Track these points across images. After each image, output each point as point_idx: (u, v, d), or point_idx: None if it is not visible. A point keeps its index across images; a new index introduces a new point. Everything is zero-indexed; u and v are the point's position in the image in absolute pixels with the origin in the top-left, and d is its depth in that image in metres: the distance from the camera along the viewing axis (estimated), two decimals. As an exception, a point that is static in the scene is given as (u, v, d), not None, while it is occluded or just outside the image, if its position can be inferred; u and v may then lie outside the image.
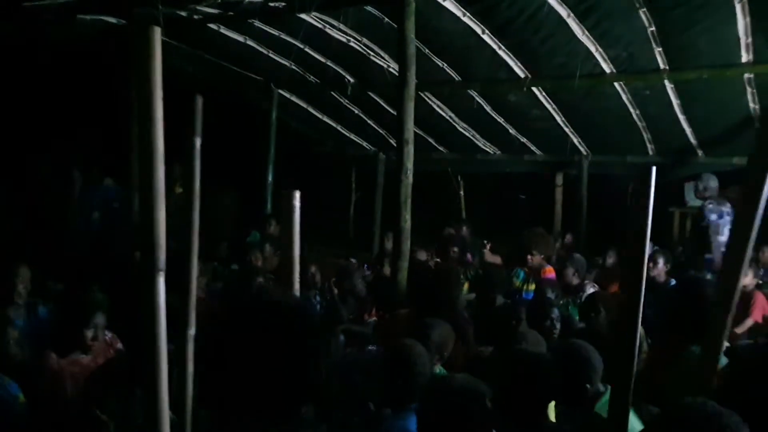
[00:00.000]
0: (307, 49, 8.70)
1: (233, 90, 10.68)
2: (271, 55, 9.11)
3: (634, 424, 2.21)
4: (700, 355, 2.35)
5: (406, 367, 2.91)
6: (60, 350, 3.66)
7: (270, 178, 10.51)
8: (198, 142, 2.15)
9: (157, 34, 1.62)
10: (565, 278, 6.01)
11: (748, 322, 5.45)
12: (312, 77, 9.69)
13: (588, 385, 2.91)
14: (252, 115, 10.92)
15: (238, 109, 10.84)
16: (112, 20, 8.13)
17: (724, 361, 2.41)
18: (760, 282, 6.66)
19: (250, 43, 8.79)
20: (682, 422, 1.67)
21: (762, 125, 2.33)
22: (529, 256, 5.81)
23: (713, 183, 7.20)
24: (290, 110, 10.82)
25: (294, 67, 9.44)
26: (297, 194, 2.20)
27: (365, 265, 8.06)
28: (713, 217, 7.06)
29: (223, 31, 8.45)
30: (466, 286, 6.34)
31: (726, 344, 2.66)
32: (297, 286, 2.39)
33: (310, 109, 10.83)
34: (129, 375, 2.92)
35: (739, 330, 5.29)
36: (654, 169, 2.03)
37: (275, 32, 8.36)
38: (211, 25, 8.20)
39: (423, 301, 4.35)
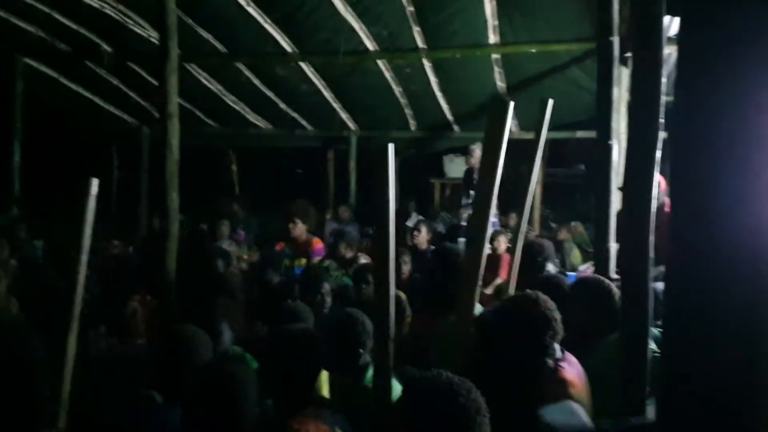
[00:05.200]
0: (54, 14, 7.91)
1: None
2: (12, 19, 8.14)
3: (396, 386, 2.32)
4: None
5: (185, 355, 2.71)
6: None
7: (17, 157, 9.43)
8: None
9: None
10: (338, 252, 6.16)
11: (497, 281, 5.99)
12: (63, 45, 8.84)
13: (361, 350, 2.98)
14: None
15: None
16: None
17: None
18: (510, 245, 7.37)
19: (-16, 5, 7.80)
20: (420, 394, 1.81)
21: (492, 104, 2.53)
22: (290, 224, 5.87)
23: None
24: (38, 81, 9.77)
25: (41, 34, 8.53)
26: (95, 182, 2.10)
27: (131, 248, 7.60)
28: None
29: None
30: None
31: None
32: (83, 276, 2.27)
33: (62, 80, 9.87)
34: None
35: (489, 290, 5.79)
36: (391, 146, 2.11)
37: (15, -6, 7.49)
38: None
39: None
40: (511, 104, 2.51)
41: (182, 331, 2.93)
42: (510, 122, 2.52)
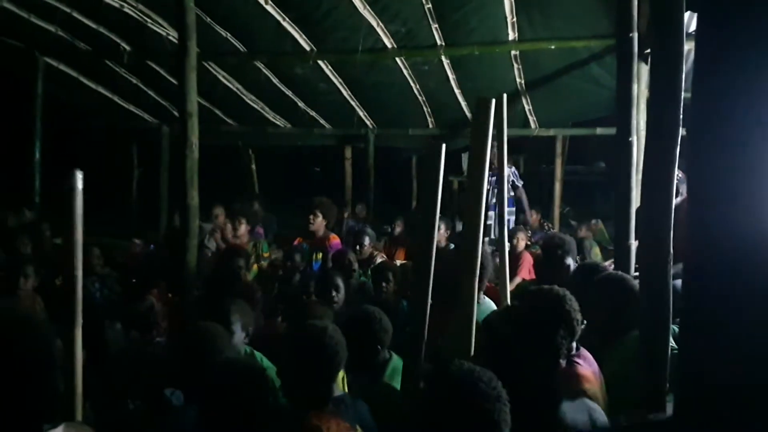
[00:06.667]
0: (74, 14, 7.99)
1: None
2: (33, 19, 8.24)
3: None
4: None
5: (205, 352, 2.73)
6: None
7: (37, 156, 9.54)
8: None
9: None
10: (362, 251, 6.16)
11: (516, 280, 5.96)
12: (82, 44, 8.92)
13: (379, 347, 2.99)
14: (14, 86, 9.84)
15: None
16: None
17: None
18: (529, 243, 7.35)
19: (6, 5, 7.87)
20: (442, 383, 1.86)
21: (476, 107, 2.53)
22: (311, 216, 5.87)
23: None
24: (58, 80, 9.88)
25: (61, 33, 8.62)
26: (79, 175, 2.09)
27: (151, 246, 7.67)
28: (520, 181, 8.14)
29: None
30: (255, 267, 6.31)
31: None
32: (80, 273, 2.26)
33: (82, 79, 9.96)
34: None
35: (509, 288, 5.75)
36: (444, 145, 2.13)
37: (36, -6, 7.58)
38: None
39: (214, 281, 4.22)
40: (494, 101, 2.51)
41: (202, 328, 2.95)
42: (492, 118, 2.51)
